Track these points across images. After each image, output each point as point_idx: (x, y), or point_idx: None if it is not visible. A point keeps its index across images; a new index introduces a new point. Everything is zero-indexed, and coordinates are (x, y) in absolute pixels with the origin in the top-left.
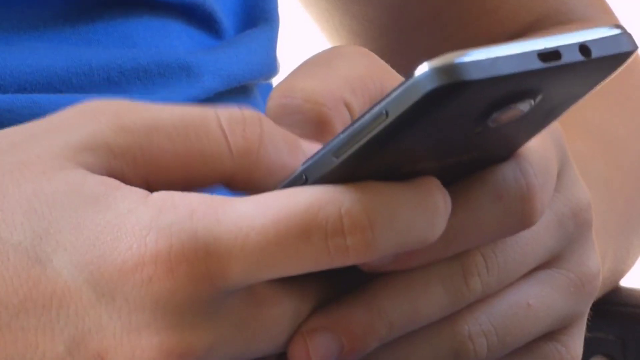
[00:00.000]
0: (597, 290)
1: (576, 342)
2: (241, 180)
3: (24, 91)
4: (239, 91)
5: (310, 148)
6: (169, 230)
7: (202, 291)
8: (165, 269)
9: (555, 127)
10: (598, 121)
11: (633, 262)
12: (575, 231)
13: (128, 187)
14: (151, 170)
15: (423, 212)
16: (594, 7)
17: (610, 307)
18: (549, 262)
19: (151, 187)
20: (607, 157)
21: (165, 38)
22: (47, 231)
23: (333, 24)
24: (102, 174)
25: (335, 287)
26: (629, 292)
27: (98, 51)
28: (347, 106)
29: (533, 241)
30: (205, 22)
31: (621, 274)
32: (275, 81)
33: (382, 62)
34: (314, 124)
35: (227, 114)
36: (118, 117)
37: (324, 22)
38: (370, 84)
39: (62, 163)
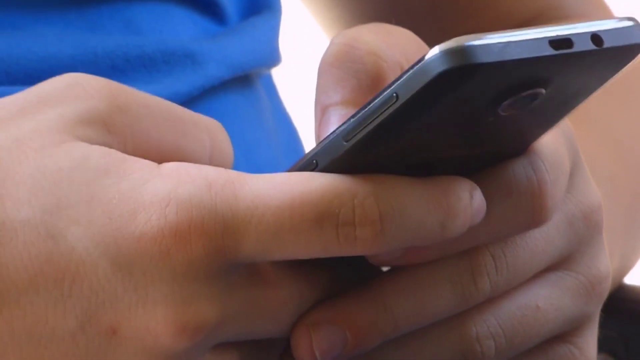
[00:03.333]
0: (606, 292)
1: (589, 343)
2: None
3: (30, 79)
4: (242, 80)
5: None
6: (189, 203)
7: (216, 264)
8: (183, 241)
9: (567, 127)
10: (603, 118)
11: (637, 259)
12: (585, 233)
13: (134, 157)
14: (135, 154)
15: (435, 211)
16: (591, 3)
17: (613, 304)
18: (559, 264)
19: None
20: (613, 154)
21: (169, 23)
22: (57, 206)
23: (331, 18)
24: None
25: (343, 279)
26: (632, 289)
27: (103, 38)
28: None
29: (543, 242)
30: (209, 7)
31: (626, 271)
32: (276, 72)
33: None
34: (370, 76)
35: (210, 123)
36: (113, 96)
37: (322, 17)
38: None
39: (61, 137)
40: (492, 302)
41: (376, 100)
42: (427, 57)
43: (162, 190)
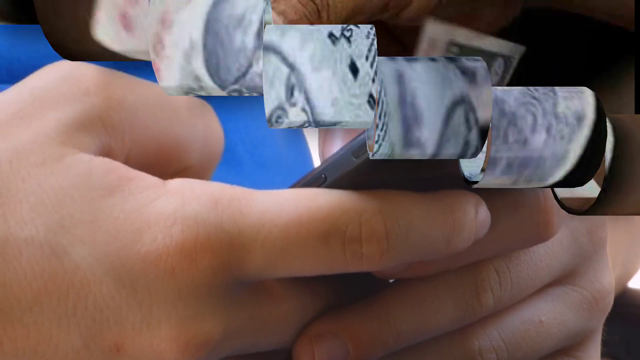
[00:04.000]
0: (609, 306)
1: (593, 357)
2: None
3: None
4: None
5: None
6: (195, 220)
7: (221, 281)
8: (188, 259)
9: None
10: None
11: None
12: (589, 249)
13: (140, 175)
14: (133, 148)
15: (441, 226)
16: None
17: (616, 308)
18: (563, 279)
19: (129, 165)
20: None
21: None
22: (60, 225)
23: None
24: (95, 152)
25: (346, 292)
26: (634, 293)
27: None
28: None
29: (547, 257)
30: None
31: (629, 278)
32: None
33: None
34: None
35: (201, 106)
36: (109, 89)
37: None
38: None
39: (61, 150)
40: (495, 316)
41: None
42: None
43: (168, 209)
